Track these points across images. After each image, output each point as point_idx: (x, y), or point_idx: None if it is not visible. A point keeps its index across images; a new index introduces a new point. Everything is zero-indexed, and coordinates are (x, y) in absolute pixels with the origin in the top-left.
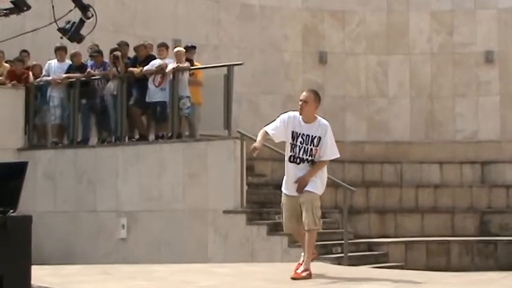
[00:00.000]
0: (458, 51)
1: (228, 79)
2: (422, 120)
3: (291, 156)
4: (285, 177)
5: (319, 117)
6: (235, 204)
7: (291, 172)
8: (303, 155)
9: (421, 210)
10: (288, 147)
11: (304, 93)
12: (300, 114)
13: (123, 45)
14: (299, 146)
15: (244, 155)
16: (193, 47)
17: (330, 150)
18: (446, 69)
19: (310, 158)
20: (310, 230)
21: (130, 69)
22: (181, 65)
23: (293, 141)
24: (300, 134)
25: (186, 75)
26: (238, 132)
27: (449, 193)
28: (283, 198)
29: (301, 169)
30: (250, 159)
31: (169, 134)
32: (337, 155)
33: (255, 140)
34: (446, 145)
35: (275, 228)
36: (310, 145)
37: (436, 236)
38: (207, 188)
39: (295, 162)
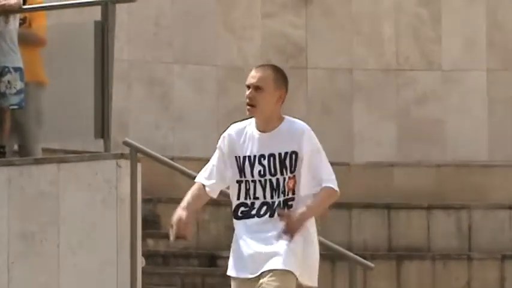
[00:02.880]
0: None
1: (104, 32)
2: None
3: (239, 206)
4: (232, 247)
5: (287, 117)
6: None
7: (245, 237)
8: (266, 195)
9: None
10: (233, 193)
11: (253, 72)
12: (250, 114)
13: None
14: (256, 181)
15: (138, 191)
16: None
17: (326, 171)
18: None
19: (283, 197)
20: None
21: None
22: (3, 2)
23: (241, 175)
24: (253, 157)
25: (14, 23)
26: (126, 143)
27: None
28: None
29: (267, 227)
30: (152, 200)
31: None
32: (335, 186)
33: (164, 162)
34: None
35: None
36: (280, 172)
37: None
38: (61, 265)
39: (251, 216)
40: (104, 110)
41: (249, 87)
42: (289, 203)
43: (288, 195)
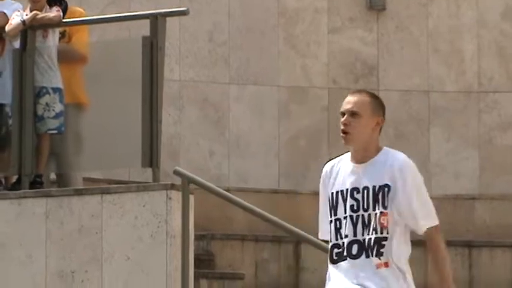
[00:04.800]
0: None
1: (153, 49)
2: None
3: (333, 248)
4: None
5: (386, 148)
6: None
7: (337, 282)
8: (357, 232)
9: None
10: (329, 235)
11: (349, 97)
12: (345, 142)
13: None
14: (347, 217)
15: (190, 226)
16: None
17: (422, 209)
18: None
19: (374, 234)
20: None
21: None
22: (41, 14)
23: (331, 214)
24: (346, 190)
25: (54, 39)
26: (177, 173)
27: None
28: None
29: (363, 271)
30: (205, 236)
31: (14, 179)
32: (436, 222)
33: (219, 194)
34: None
35: None
36: (372, 207)
37: None
38: None
39: (343, 258)
40: (153, 135)
41: (343, 114)
42: (383, 242)
43: (381, 233)
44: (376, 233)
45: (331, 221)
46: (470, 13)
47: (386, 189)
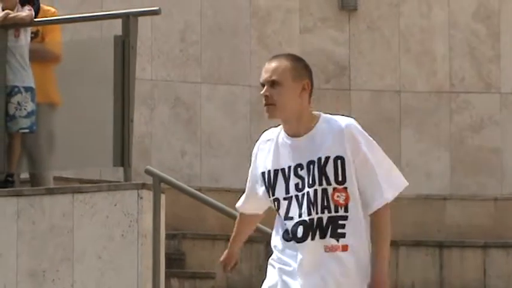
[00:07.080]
0: None
1: (124, 48)
2: None
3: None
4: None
5: (324, 115)
6: None
7: (278, 265)
8: (302, 213)
9: None
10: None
11: (267, 65)
12: (270, 116)
13: None
14: (292, 197)
15: (162, 225)
16: None
17: (386, 178)
18: None
19: (327, 213)
20: None
21: None
22: (13, 14)
23: (270, 193)
24: (288, 168)
25: (25, 38)
26: (149, 172)
27: None
28: None
29: (312, 255)
30: (176, 236)
31: None
32: (405, 183)
33: (191, 193)
34: None
35: None
36: (319, 182)
37: None
38: None
39: (287, 239)
40: (124, 135)
41: (263, 85)
42: (340, 222)
43: (336, 211)
44: (330, 211)
45: (274, 201)
46: (441, 13)
47: (339, 161)
